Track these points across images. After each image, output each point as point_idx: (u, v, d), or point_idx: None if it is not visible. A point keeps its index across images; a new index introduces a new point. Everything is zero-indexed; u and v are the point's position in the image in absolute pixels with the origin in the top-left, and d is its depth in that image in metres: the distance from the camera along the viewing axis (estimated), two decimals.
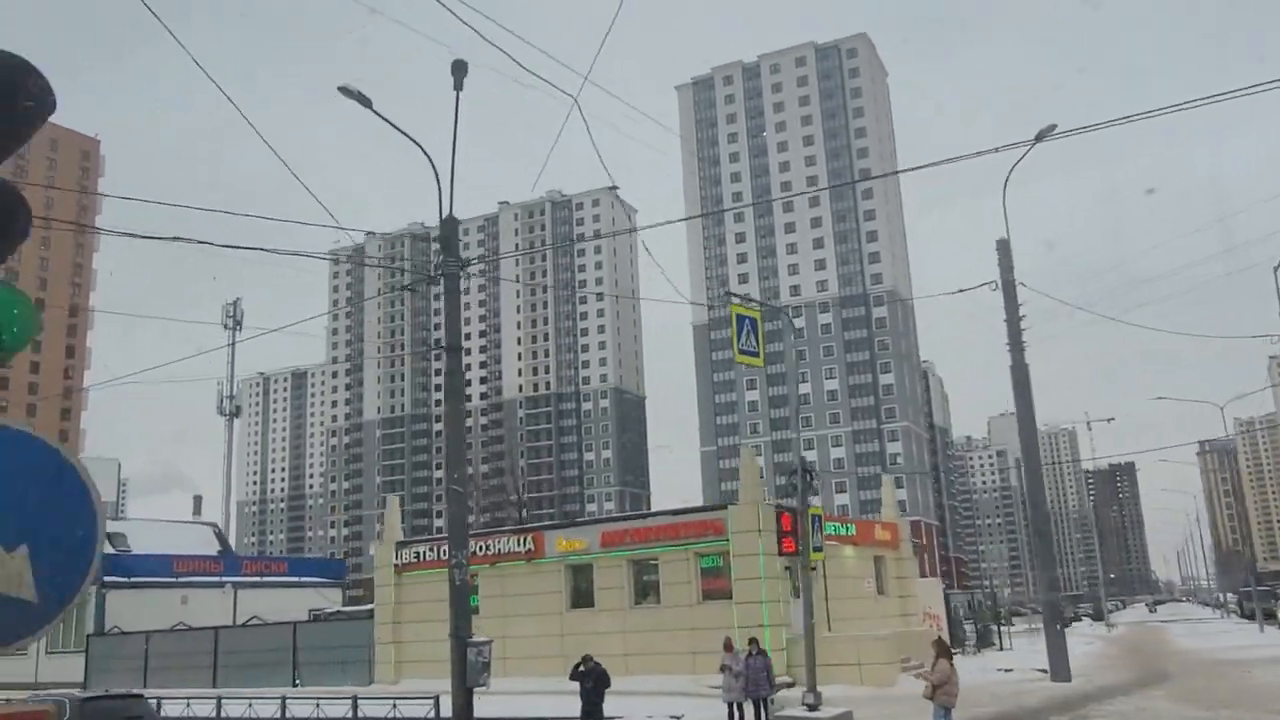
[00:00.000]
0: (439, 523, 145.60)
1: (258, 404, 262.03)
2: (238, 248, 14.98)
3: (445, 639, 15.10)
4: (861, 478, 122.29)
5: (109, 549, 45.41)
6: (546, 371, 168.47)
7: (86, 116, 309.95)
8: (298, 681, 32.11)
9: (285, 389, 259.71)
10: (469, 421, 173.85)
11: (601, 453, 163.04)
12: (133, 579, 41.17)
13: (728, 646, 18.92)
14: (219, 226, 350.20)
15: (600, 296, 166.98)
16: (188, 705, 23.76)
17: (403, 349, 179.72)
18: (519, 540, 28.19)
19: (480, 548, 28.75)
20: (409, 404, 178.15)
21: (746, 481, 26.94)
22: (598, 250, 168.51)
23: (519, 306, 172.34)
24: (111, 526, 51.97)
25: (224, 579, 43.54)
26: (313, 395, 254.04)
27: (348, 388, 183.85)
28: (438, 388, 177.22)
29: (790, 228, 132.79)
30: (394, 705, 20.28)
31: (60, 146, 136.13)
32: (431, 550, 29.61)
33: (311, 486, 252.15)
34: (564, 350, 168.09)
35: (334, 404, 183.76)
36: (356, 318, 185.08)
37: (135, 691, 22.40)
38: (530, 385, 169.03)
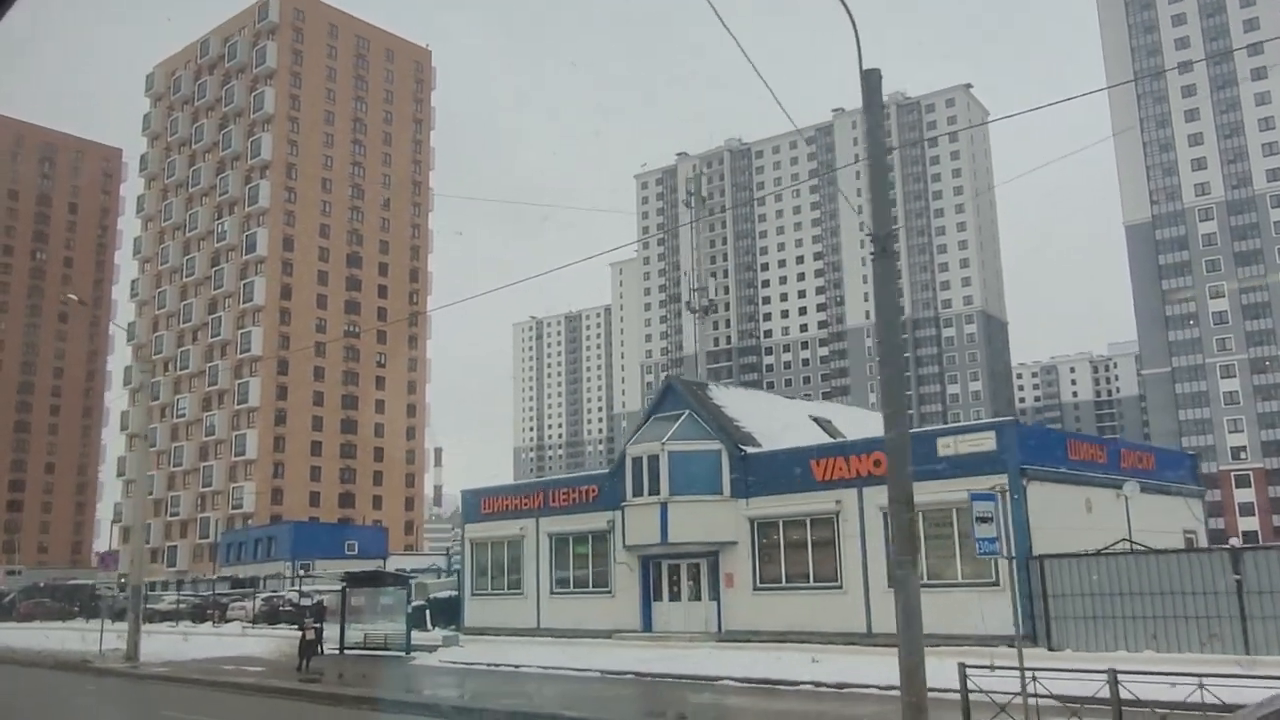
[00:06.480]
0: None
1: (532, 349, 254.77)
2: None
3: None
4: None
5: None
6: (899, 295, 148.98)
7: (418, 29, 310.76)
8: None
9: (559, 332, 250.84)
10: (804, 353, 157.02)
11: (969, 384, 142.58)
12: (1059, 470, 24.96)
13: None
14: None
15: (960, 208, 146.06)
16: None
17: (719, 277, 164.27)
18: None
19: None
20: (735, 336, 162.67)
21: None
22: (954, 156, 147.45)
23: (861, 224, 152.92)
24: (815, 410, 36.60)
25: (1118, 476, 26.96)
26: (586, 337, 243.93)
27: (663, 320, 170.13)
28: (766, 317, 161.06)
29: (1263, 99, 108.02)
30: None
31: (395, 57, 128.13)
32: None
33: (590, 432, 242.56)
34: (918, 270, 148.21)
35: (648, 338, 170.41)
36: (670, 244, 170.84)
37: None
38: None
